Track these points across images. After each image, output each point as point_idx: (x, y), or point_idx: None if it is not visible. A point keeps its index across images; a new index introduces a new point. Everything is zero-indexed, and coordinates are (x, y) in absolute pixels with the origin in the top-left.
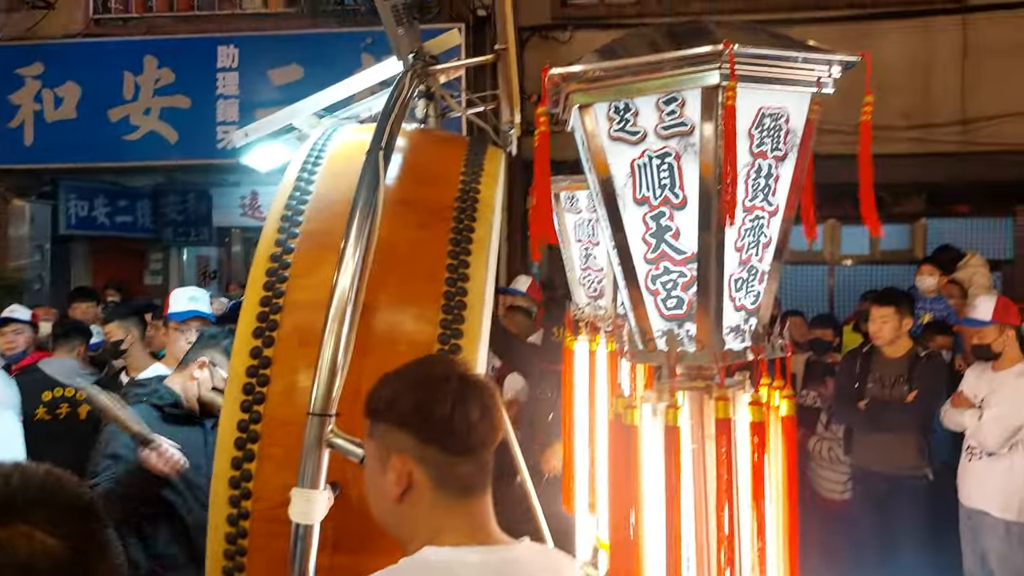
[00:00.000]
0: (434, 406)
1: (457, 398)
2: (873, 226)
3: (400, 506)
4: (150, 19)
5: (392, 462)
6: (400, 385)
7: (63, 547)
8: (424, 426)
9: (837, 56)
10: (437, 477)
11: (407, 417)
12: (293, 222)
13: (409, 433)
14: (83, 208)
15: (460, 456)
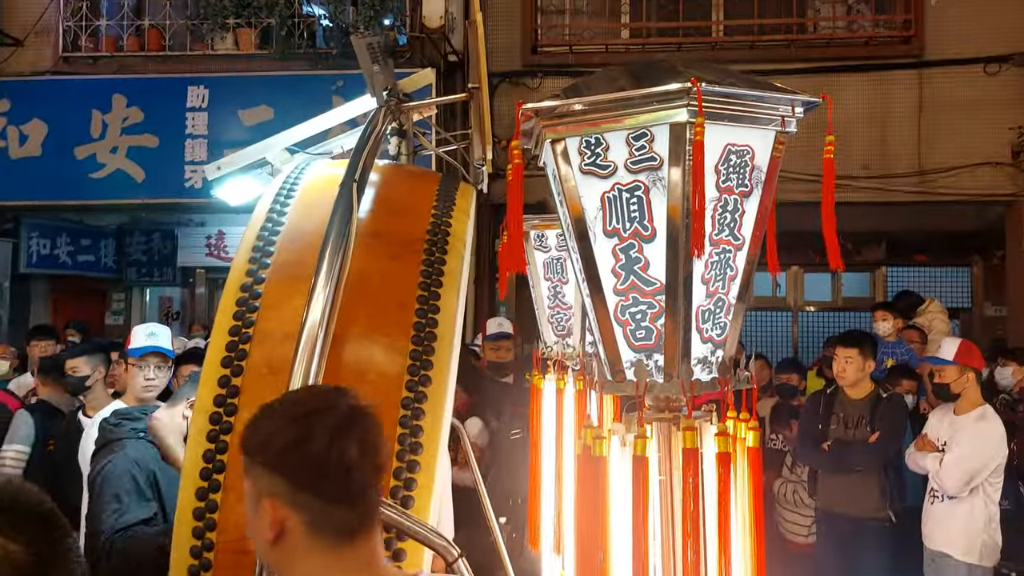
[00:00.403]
0: (307, 446)
1: (334, 436)
2: (835, 259)
3: (275, 549)
4: (120, 58)
5: (263, 506)
6: (273, 422)
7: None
8: (296, 470)
9: (800, 96)
10: (312, 523)
11: (277, 460)
12: (265, 252)
13: (280, 477)
14: (45, 246)
15: (337, 502)
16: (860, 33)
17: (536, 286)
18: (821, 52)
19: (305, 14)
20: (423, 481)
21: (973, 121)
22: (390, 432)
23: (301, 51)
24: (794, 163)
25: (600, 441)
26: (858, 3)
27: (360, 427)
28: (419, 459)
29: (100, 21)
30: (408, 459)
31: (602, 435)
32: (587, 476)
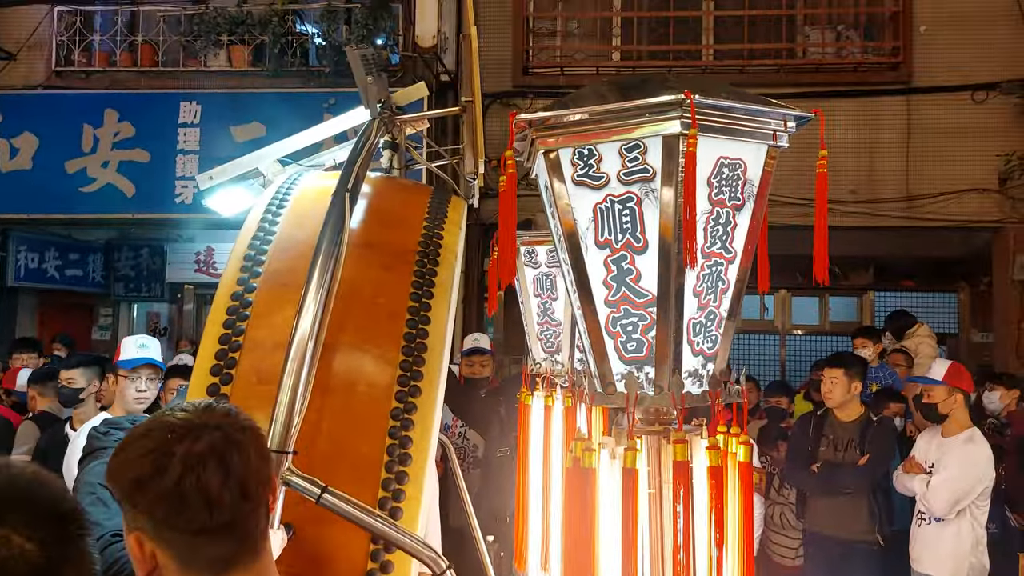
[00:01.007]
0: (160, 479)
1: (189, 466)
2: (821, 272)
3: None
4: (113, 73)
5: (131, 541)
6: (129, 454)
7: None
8: (153, 505)
9: (792, 111)
10: (181, 559)
11: (134, 494)
12: (256, 262)
13: (140, 512)
14: (33, 260)
15: (204, 534)
16: (849, 59)
17: (525, 302)
18: (810, 77)
19: (298, 32)
20: (411, 493)
21: (960, 148)
22: (379, 443)
23: (294, 69)
24: (784, 187)
25: (590, 453)
26: (847, 30)
27: (225, 452)
28: (408, 470)
29: (94, 36)
30: (397, 470)
31: (591, 447)
32: (576, 489)
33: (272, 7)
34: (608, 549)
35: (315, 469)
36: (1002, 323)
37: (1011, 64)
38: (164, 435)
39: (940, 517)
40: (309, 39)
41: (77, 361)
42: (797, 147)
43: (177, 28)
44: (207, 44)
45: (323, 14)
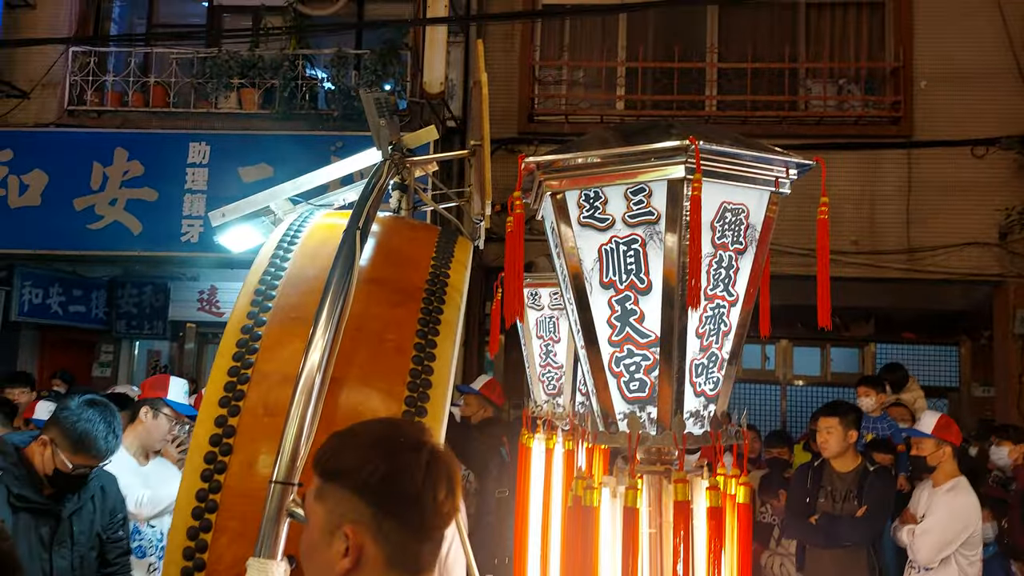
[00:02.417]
0: (404, 479)
1: (427, 473)
2: (824, 318)
3: None
4: (124, 113)
5: (343, 531)
6: (365, 449)
7: None
8: (390, 498)
9: (794, 159)
10: (390, 554)
11: (371, 487)
12: (266, 296)
13: (369, 503)
14: (37, 295)
15: (420, 534)
16: (850, 112)
17: (528, 344)
18: (812, 129)
19: (308, 76)
20: None
21: (961, 201)
22: None
23: (303, 112)
24: (785, 237)
25: (591, 491)
26: (848, 83)
27: (446, 466)
28: None
29: (107, 77)
30: None
31: (592, 485)
32: (577, 528)
33: (283, 52)
34: None
35: None
36: (1003, 377)
37: (1011, 120)
38: (399, 440)
39: (926, 566)
40: (319, 83)
41: None
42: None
43: (189, 70)
44: (218, 87)
45: (333, 60)
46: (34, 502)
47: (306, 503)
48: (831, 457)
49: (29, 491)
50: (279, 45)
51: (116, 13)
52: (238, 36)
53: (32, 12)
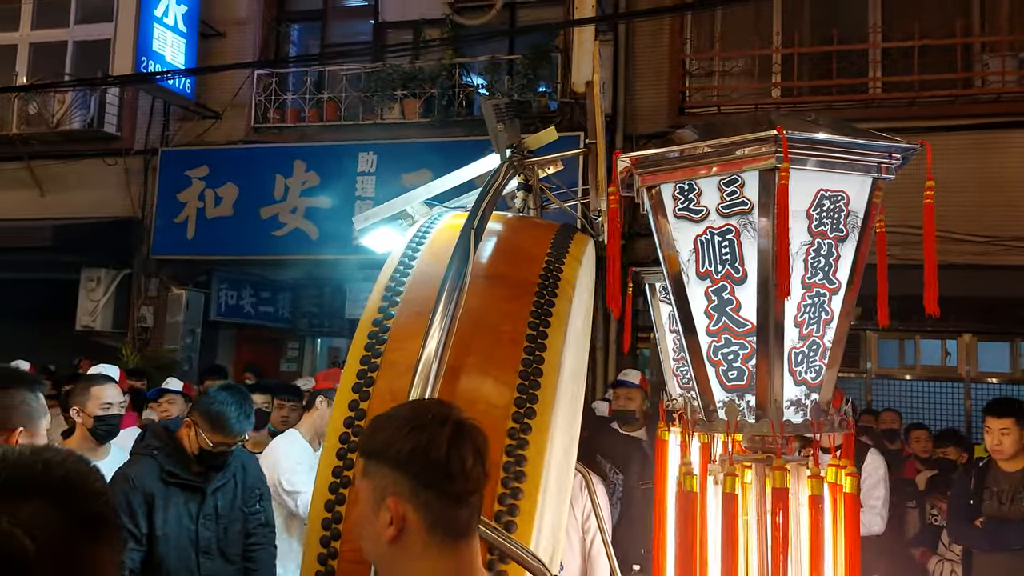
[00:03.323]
0: (430, 449)
1: (452, 442)
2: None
3: (392, 548)
4: (302, 128)
5: (387, 504)
6: (396, 428)
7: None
8: (421, 469)
9: (895, 144)
10: (431, 520)
11: (404, 460)
12: (395, 292)
13: (406, 476)
14: (232, 297)
15: (455, 500)
16: None
17: (661, 339)
18: (989, 108)
19: (464, 84)
20: (525, 507)
21: None
22: (496, 459)
23: (460, 119)
24: (960, 223)
25: (691, 478)
26: None
27: (472, 435)
28: (522, 486)
29: (286, 95)
30: (512, 486)
31: (692, 472)
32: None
33: (441, 62)
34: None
35: None
36: None
37: None
38: (426, 417)
39: None
40: (475, 90)
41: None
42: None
43: (357, 84)
44: (383, 99)
45: (487, 66)
46: (182, 478)
47: (355, 482)
48: (1005, 460)
49: (178, 468)
50: (437, 55)
51: (294, 36)
52: (400, 50)
53: (223, 40)
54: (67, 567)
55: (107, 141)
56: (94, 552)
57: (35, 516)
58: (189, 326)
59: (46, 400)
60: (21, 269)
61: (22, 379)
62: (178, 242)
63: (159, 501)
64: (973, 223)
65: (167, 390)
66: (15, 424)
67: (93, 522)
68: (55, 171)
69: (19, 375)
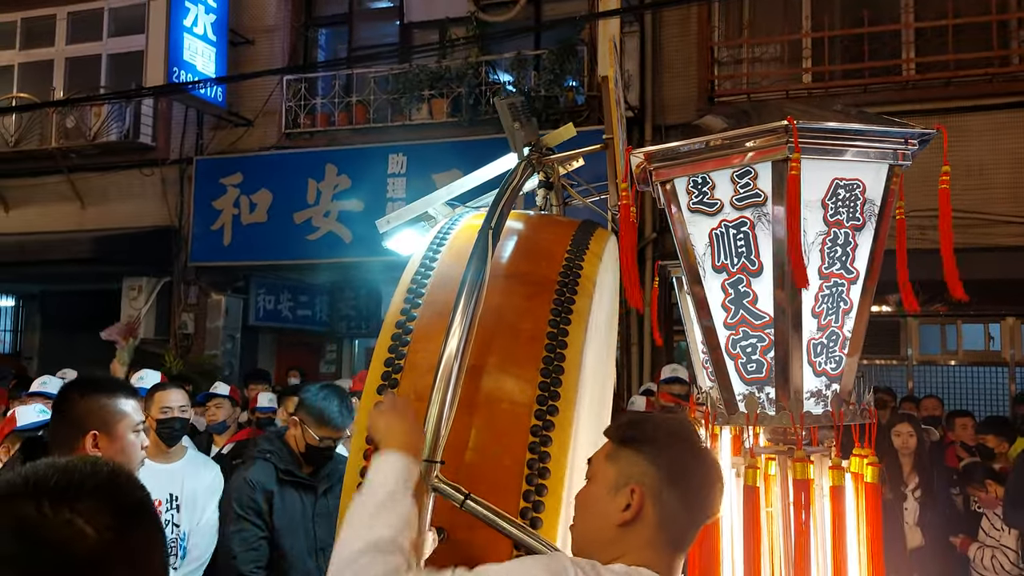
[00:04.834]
0: (696, 462)
1: (713, 467)
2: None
3: (617, 529)
4: (332, 132)
5: (630, 489)
6: (665, 429)
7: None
8: (677, 473)
9: (911, 130)
10: (664, 520)
11: (666, 459)
12: (417, 294)
13: (659, 471)
14: (270, 302)
15: (690, 513)
16: None
17: (689, 331)
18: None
19: (491, 81)
20: (551, 504)
21: None
22: (520, 456)
23: (488, 117)
24: (1001, 204)
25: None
26: None
27: (721, 473)
28: (547, 483)
29: (316, 100)
30: (537, 483)
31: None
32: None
33: (468, 60)
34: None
35: (462, 478)
36: None
37: None
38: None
39: None
40: (502, 87)
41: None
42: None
43: (385, 86)
44: (411, 100)
45: (513, 63)
46: (297, 476)
47: (594, 463)
48: None
49: (292, 467)
50: (463, 54)
51: (322, 40)
52: (426, 50)
53: (251, 47)
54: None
55: (143, 152)
56: (141, 534)
57: (91, 508)
58: (229, 331)
59: None
60: (66, 281)
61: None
62: (215, 249)
63: (277, 499)
64: (1014, 204)
65: (215, 394)
66: (88, 428)
67: (137, 510)
68: (94, 183)
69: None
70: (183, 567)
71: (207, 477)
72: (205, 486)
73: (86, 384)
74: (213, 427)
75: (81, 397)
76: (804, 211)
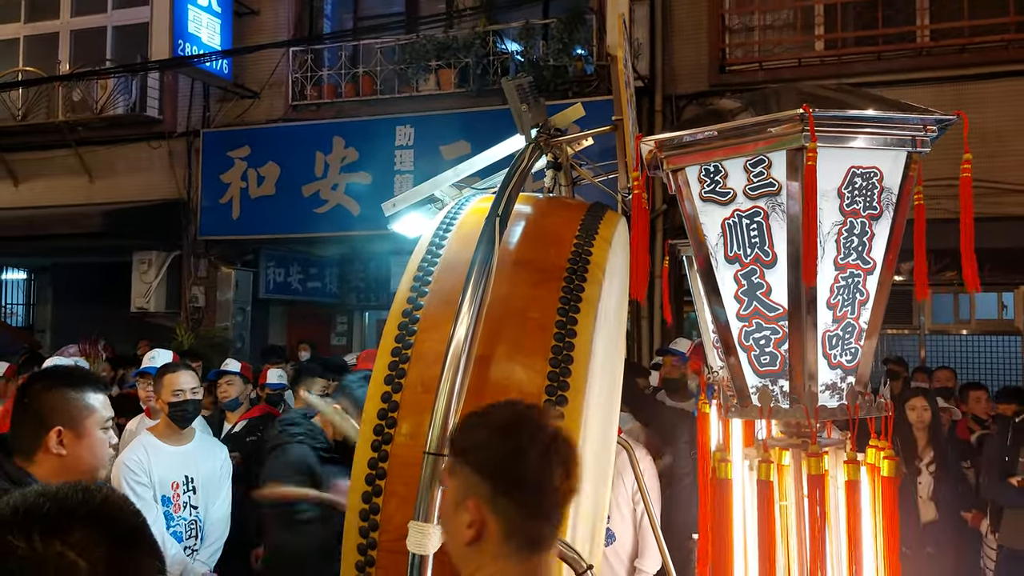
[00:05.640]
0: (519, 462)
1: (543, 457)
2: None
3: (467, 548)
4: (339, 104)
5: (467, 505)
6: (489, 432)
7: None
8: (505, 479)
9: (931, 115)
10: (507, 529)
11: (491, 467)
12: (424, 281)
13: (489, 482)
14: (280, 275)
15: (535, 514)
16: None
17: (700, 311)
18: None
19: (499, 51)
20: None
21: None
22: None
23: (496, 87)
24: (1016, 173)
25: (725, 464)
26: None
27: (566, 451)
28: None
29: (322, 71)
30: None
31: (727, 458)
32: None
33: (475, 30)
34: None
35: None
36: None
37: None
38: (516, 425)
39: None
40: (509, 57)
41: None
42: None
43: (392, 57)
44: (418, 70)
45: (521, 32)
46: (336, 452)
47: (444, 478)
48: None
49: (330, 447)
50: (471, 24)
51: (328, 10)
52: (433, 20)
53: (256, 18)
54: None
55: (150, 125)
56: (136, 562)
57: (84, 538)
58: (239, 304)
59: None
60: (77, 254)
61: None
62: (224, 222)
63: (319, 476)
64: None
65: (227, 372)
66: (52, 423)
67: (132, 536)
68: (102, 157)
69: (61, 372)
70: (203, 550)
71: (219, 458)
72: (218, 467)
73: (51, 376)
74: (225, 404)
75: (45, 390)
76: (820, 201)
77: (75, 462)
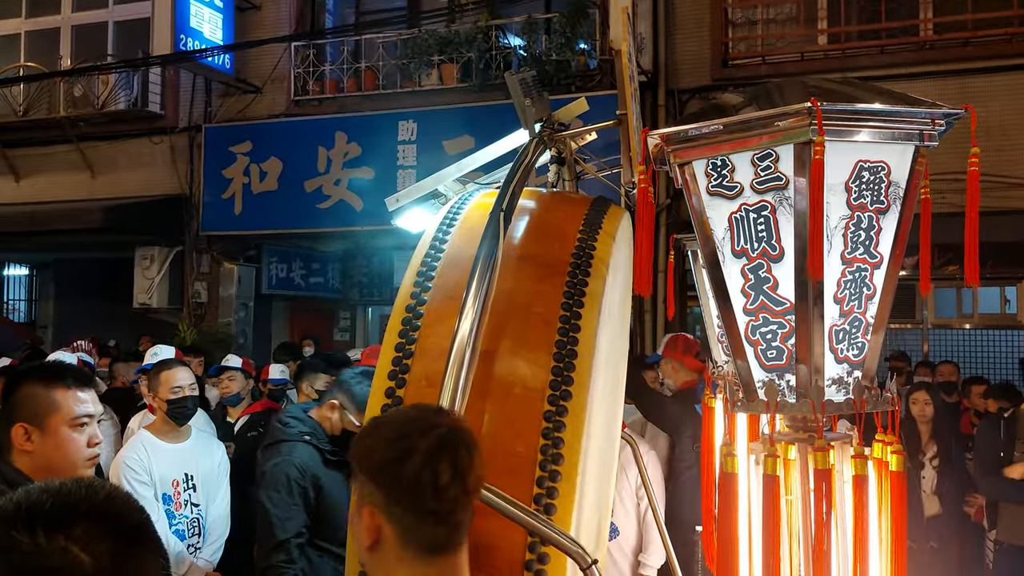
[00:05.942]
0: (402, 466)
1: (429, 458)
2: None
3: (371, 555)
4: (341, 99)
5: (364, 512)
6: (377, 439)
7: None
8: (391, 485)
9: (939, 109)
10: (403, 535)
11: (377, 473)
12: (427, 276)
13: (379, 489)
14: (282, 270)
15: (427, 517)
16: None
17: (704, 305)
18: None
19: (502, 46)
20: (564, 490)
21: None
22: (534, 443)
23: (498, 82)
24: (1018, 167)
25: (732, 459)
26: None
27: (455, 450)
28: (560, 469)
29: (324, 66)
30: (550, 469)
31: (733, 453)
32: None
33: (477, 25)
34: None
35: None
36: None
37: None
38: (407, 427)
39: None
40: (512, 52)
41: None
42: None
43: (394, 52)
44: (420, 65)
45: (524, 27)
46: (340, 455)
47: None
48: None
49: (335, 447)
50: (473, 18)
51: (330, 5)
52: (435, 14)
53: (258, 13)
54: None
55: (152, 120)
56: (140, 557)
57: (87, 533)
58: (242, 300)
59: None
60: (79, 249)
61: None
62: (226, 218)
63: (323, 482)
64: None
65: (228, 367)
66: (15, 419)
67: (135, 532)
68: (104, 152)
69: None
70: (205, 547)
71: (216, 455)
72: (216, 464)
73: (25, 371)
74: (227, 399)
75: (15, 386)
76: (827, 195)
77: (44, 460)
